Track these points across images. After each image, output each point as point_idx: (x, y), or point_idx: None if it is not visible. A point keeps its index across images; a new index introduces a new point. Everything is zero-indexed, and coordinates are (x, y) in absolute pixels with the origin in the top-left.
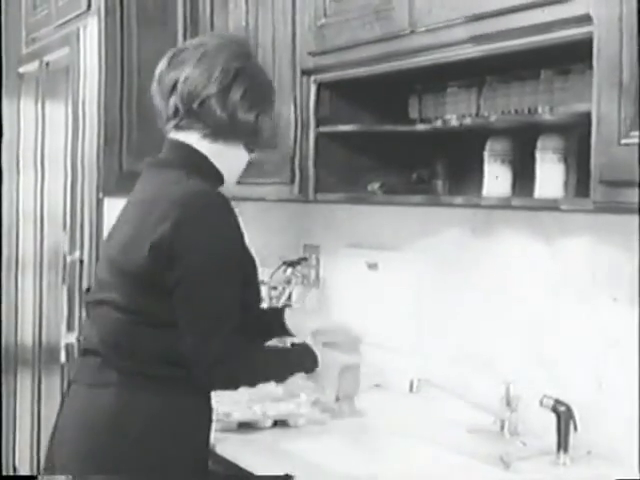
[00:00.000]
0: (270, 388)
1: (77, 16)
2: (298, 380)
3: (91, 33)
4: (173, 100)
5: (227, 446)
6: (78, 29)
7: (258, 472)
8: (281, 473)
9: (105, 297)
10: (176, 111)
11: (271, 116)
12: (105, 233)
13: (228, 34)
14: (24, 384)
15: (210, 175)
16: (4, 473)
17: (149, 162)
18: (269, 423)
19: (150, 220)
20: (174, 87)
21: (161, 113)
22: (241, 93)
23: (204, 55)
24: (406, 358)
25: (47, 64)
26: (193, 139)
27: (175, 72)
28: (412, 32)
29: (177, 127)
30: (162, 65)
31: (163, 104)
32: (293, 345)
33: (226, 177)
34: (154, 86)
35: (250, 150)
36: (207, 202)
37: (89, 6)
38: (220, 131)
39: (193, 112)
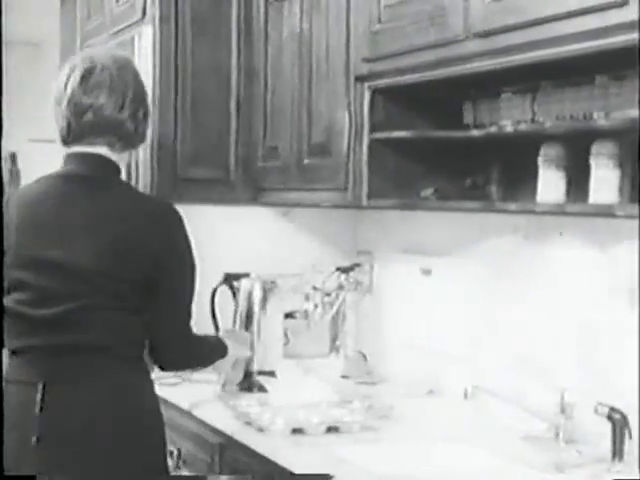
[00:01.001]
0: (324, 395)
1: (132, 24)
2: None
3: (145, 41)
4: (89, 120)
5: (282, 452)
6: (133, 37)
7: None
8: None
9: (84, 303)
10: (91, 129)
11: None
12: None
13: (111, 50)
14: None
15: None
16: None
17: (64, 174)
18: (322, 429)
19: (136, 233)
20: (88, 109)
21: (68, 128)
22: (144, 110)
23: (112, 81)
24: (460, 365)
25: None
26: (103, 151)
27: (89, 97)
28: (466, 38)
29: (88, 142)
30: (72, 86)
31: (74, 121)
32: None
33: None
34: (62, 104)
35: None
36: (179, 214)
37: (144, 14)
38: (128, 143)
39: (108, 130)
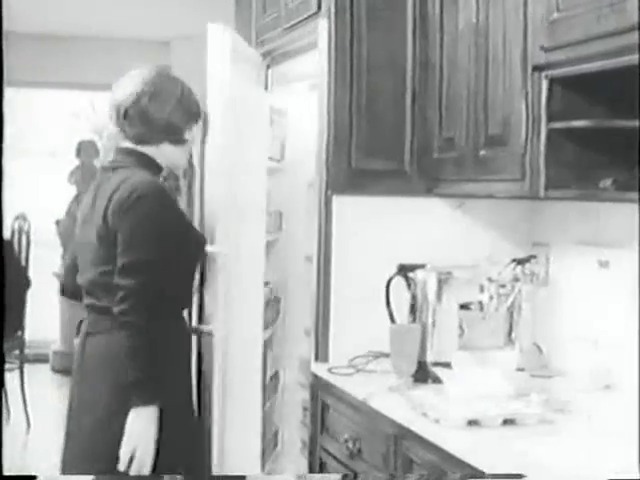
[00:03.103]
0: (500, 387)
1: (307, 18)
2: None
3: (321, 34)
4: None
5: (458, 444)
6: (307, 31)
7: (486, 470)
8: (513, 472)
9: None
10: None
11: None
12: (335, 230)
13: None
14: None
15: None
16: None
17: None
18: (499, 422)
19: None
20: None
21: None
22: None
23: None
24: (636, 359)
25: None
26: None
27: None
28: None
29: None
30: None
31: None
32: None
33: None
34: None
35: None
36: None
37: (319, 8)
38: None
39: None
